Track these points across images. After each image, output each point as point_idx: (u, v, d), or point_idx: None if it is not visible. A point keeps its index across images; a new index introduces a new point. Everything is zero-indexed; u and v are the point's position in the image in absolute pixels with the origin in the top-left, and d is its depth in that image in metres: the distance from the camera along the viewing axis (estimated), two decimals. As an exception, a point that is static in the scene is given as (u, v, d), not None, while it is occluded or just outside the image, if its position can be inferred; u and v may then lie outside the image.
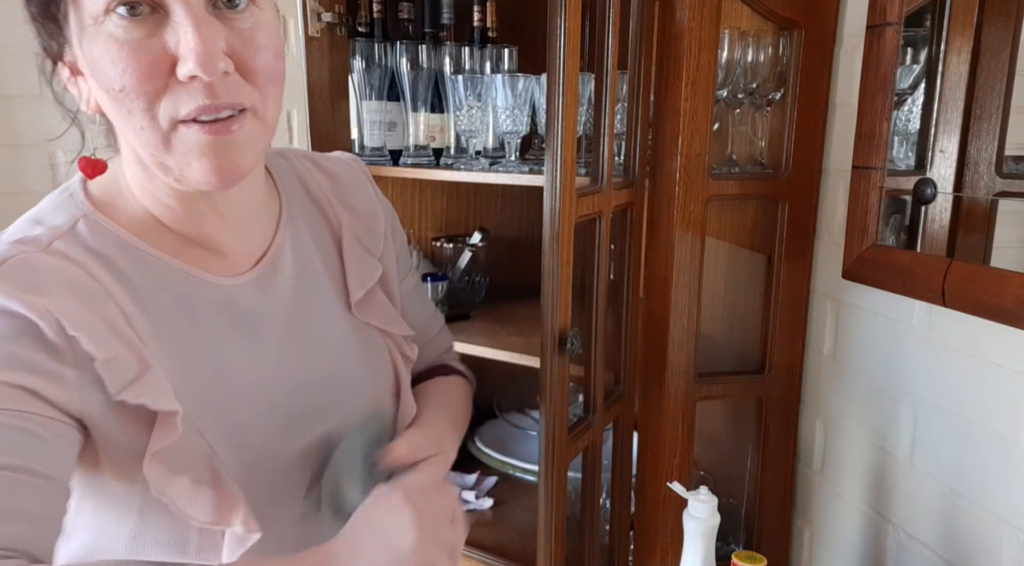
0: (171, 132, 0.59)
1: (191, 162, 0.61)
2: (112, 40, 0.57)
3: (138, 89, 0.57)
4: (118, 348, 0.60)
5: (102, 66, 0.57)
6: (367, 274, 0.82)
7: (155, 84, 0.57)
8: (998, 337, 0.87)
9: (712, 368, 1.25)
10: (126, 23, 0.56)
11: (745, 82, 1.18)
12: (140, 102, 0.58)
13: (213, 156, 0.60)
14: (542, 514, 1.07)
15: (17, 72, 1.62)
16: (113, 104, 0.59)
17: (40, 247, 0.62)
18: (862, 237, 1.04)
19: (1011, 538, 0.88)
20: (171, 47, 0.57)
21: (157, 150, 0.61)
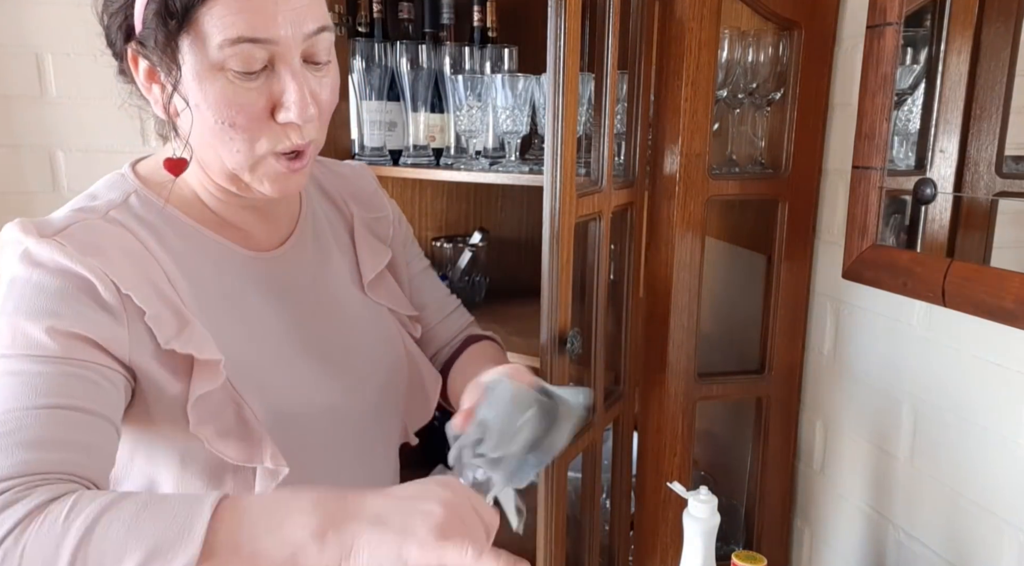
0: (261, 160, 0.73)
1: (264, 183, 0.75)
2: (229, 85, 0.68)
3: (246, 126, 0.70)
4: (162, 306, 0.70)
5: (216, 103, 0.69)
6: (378, 258, 0.93)
7: (260, 125, 0.71)
8: (998, 337, 0.87)
9: (712, 368, 1.25)
10: (243, 76, 0.68)
11: (745, 82, 1.18)
12: (244, 136, 0.71)
13: (284, 183, 0.75)
14: (542, 514, 1.07)
15: (17, 72, 1.62)
16: (218, 130, 0.70)
17: (99, 215, 0.72)
18: (862, 237, 1.04)
19: (1011, 538, 0.88)
20: (275, 95, 0.70)
21: (242, 170, 0.73)
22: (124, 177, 0.78)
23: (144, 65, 0.71)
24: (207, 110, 0.69)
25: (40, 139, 1.64)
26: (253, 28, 0.66)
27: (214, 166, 0.75)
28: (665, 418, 1.22)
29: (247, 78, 0.68)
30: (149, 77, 0.72)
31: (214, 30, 0.66)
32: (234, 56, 0.67)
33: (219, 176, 0.75)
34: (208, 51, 0.67)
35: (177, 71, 0.68)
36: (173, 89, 0.69)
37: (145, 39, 0.68)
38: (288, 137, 0.72)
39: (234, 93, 0.68)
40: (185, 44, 0.67)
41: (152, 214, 0.76)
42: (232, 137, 0.70)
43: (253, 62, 0.68)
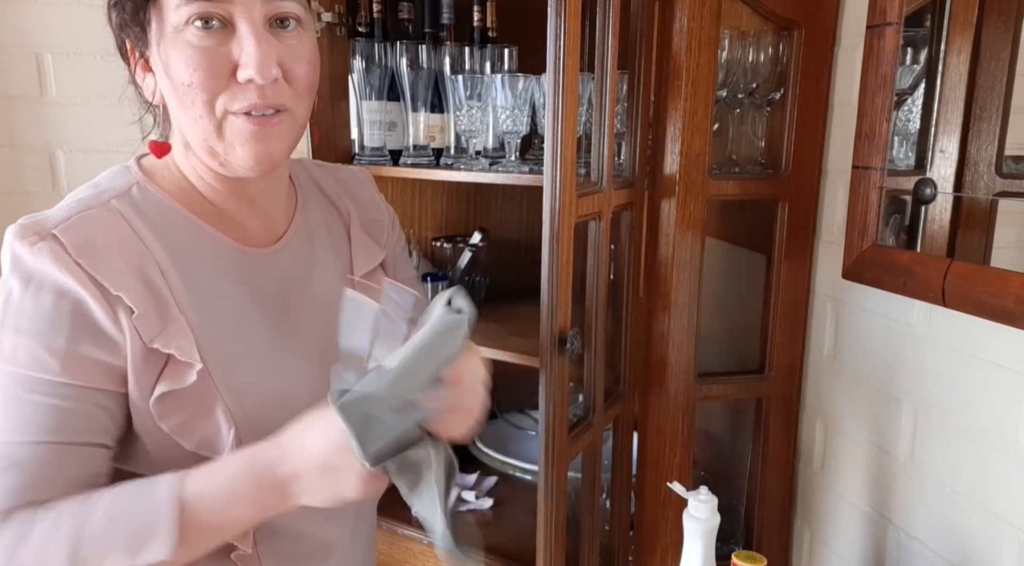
0: (223, 121, 0.72)
1: (236, 147, 0.73)
2: (187, 45, 0.69)
3: (203, 85, 0.70)
4: (150, 303, 0.71)
5: (176, 65, 0.70)
6: (371, 257, 0.93)
7: (217, 83, 0.70)
8: (998, 337, 0.87)
9: (712, 368, 1.25)
10: (201, 33, 0.69)
11: (745, 82, 1.18)
12: (203, 95, 0.70)
13: (255, 143, 0.73)
14: (542, 514, 1.07)
15: (17, 72, 1.62)
16: (179, 96, 0.71)
17: (100, 203, 0.74)
18: (862, 237, 1.04)
19: (1011, 538, 0.88)
20: (234, 55, 0.70)
21: (210, 136, 0.73)
22: (128, 169, 0.80)
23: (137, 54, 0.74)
24: (167, 78, 0.71)
25: (40, 139, 1.64)
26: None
27: (193, 142, 0.75)
28: (665, 418, 1.22)
29: (205, 36, 0.69)
30: (143, 67, 0.74)
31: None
32: (189, 14, 0.68)
33: (201, 153, 0.76)
34: (167, 14, 0.69)
35: (149, 34, 0.70)
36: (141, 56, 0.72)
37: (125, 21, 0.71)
38: (253, 95, 0.71)
39: (192, 52, 0.69)
40: (152, 12, 0.70)
41: (151, 206, 0.77)
42: (193, 100, 0.70)
43: (210, 19, 0.69)
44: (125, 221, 0.74)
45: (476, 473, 1.59)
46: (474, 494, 1.53)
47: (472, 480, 1.58)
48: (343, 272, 0.91)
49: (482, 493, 1.54)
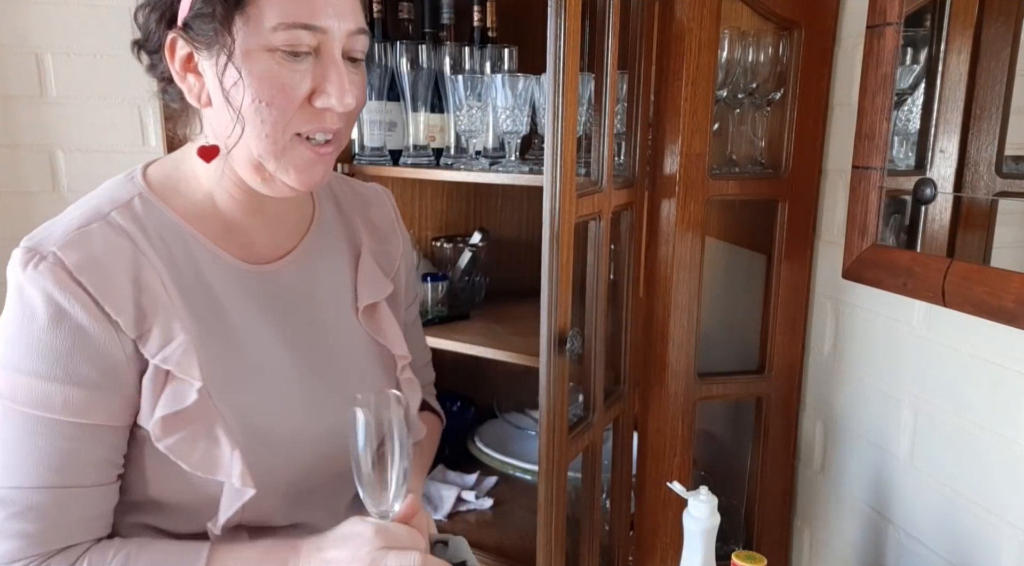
0: (288, 142, 0.74)
1: (290, 171, 0.75)
2: (276, 66, 0.71)
3: (283, 107, 0.72)
4: (152, 319, 0.72)
5: (259, 82, 0.71)
6: (376, 289, 0.91)
7: (296, 106, 0.72)
8: (998, 337, 0.87)
9: (712, 368, 1.25)
10: (290, 59, 0.71)
11: (745, 82, 1.18)
12: (277, 117, 0.72)
13: (309, 169, 0.76)
14: (542, 514, 1.07)
15: (17, 72, 1.62)
16: (251, 112, 0.72)
17: (100, 216, 0.74)
18: (862, 237, 1.04)
19: (1011, 538, 0.88)
20: (313, 82, 0.73)
21: (268, 154, 0.74)
22: (132, 180, 0.79)
23: (183, 53, 0.72)
24: (246, 89, 0.71)
25: (40, 139, 1.64)
26: (309, 15, 0.70)
27: (240, 154, 0.75)
28: (665, 418, 1.22)
29: (293, 60, 0.71)
30: (186, 65, 0.73)
31: (271, 12, 0.69)
32: (285, 39, 0.70)
33: (244, 166, 0.75)
34: (260, 32, 0.70)
35: (232, 43, 0.70)
36: (228, 59, 0.70)
37: (193, 22, 0.70)
38: (323, 120, 0.74)
39: (279, 73, 0.71)
40: (239, 23, 0.69)
41: (153, 219, 0.76)
42: (264, 118, 0.71)
43: (301, 46, 0.71)
44: (126, 235, 0.73)
45: (476, 473, 1.59)
46: (474, 494, 1.53)
47: (472, 480, 1.58)
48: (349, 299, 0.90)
49: (482, 493, 1.54)
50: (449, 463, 1.63)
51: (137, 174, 0.80)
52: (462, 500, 1.52)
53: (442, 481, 1.57)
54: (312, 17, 0.70)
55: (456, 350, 1.37)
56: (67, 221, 0.73)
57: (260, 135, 0.72)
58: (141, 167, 0.81)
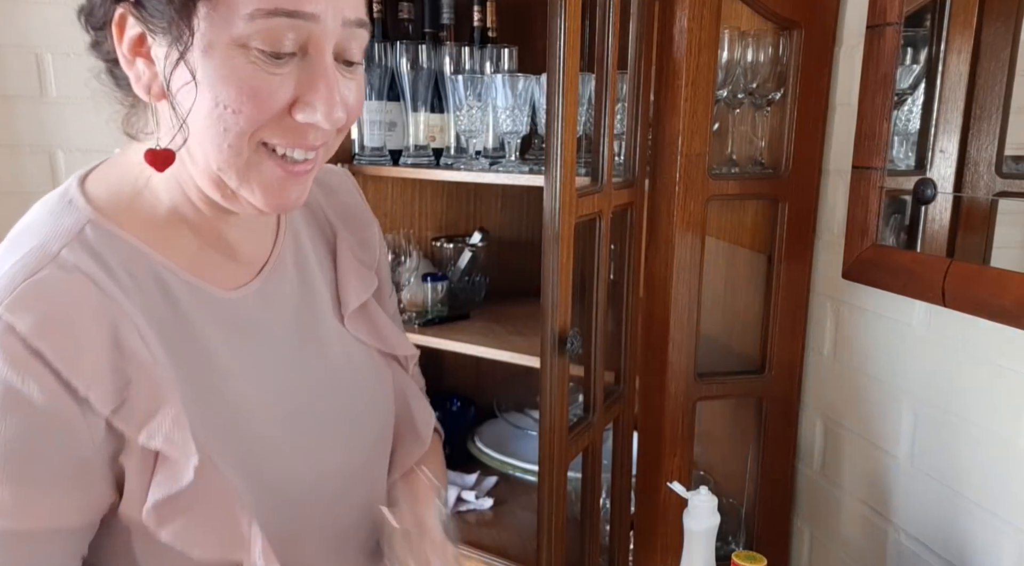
0: (253, 156, 0.60)
1: (256, 190, 0.61)
2: (246, 67, 0.56)
3: (251, 117, 0.57)
4: (132, 387, 0.57)
5: (223, 84, 0.56)
6: (363, 287, 0.80)
7: (268, 116, 0.58)
8: (998, 337, 0.87)
9: (712, 368, 1.25)
10: (267, 59, 0.57)
11: (745, 82, 1.18)
12: (244, 126, 0.58)
13: (279, 191, 0.62)
14: (542, 514, 1.07)
15: (17, 72, 1.62)
16: (213, 118, 0.57)
17: (49, 258, 0.57)
18: (862, 237, 1.04)
19: (1011, 538, 0.88)
20: (298, 89, 0.58)
21: (229, 169, 0.60)
22: (72, 203, 0.62)
23: (132, 33, 0.58)
24: (208, 89, 0.57)
25: (40, 139, 1.64)
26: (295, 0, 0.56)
27: (198, 163, 0.61)
28: (665, 418, 1.22)
29: (272, 61, 0.57)
30: (135, 48, 0.59)
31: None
32: (264, 31, 0.56)
33: (201, 177, 0.62)
34: (231, 20, 0.55)
35: (189, 38, 0.56)
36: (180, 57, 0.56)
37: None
38: (304, 138, 0.60)
39: (252, 75, 0.56)
40: (202, 9, 0.55)
41: (114, 252, 0.61)
42: (227, 127, 0.57)
43: (283, 42, 0.57)
44: (88, 279, 0.57)
45: (476, 473, 1.59)
46: (474, 494, 1.53)
47: (472, 480, 1.58)
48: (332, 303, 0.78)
49: (482, 493, 1.54)
50: (449, 463, 1.62)
51: (75, 192, 0.63)
52: (462, 500, 1.52)
53: (442, 481, 1.57)
54: (299, 2, 0.56)
55: (456, 350, 1.37)
56: (6, 274, 0.56)
57: (219, 145, 0.58)
58: (76, 181, 0.65)
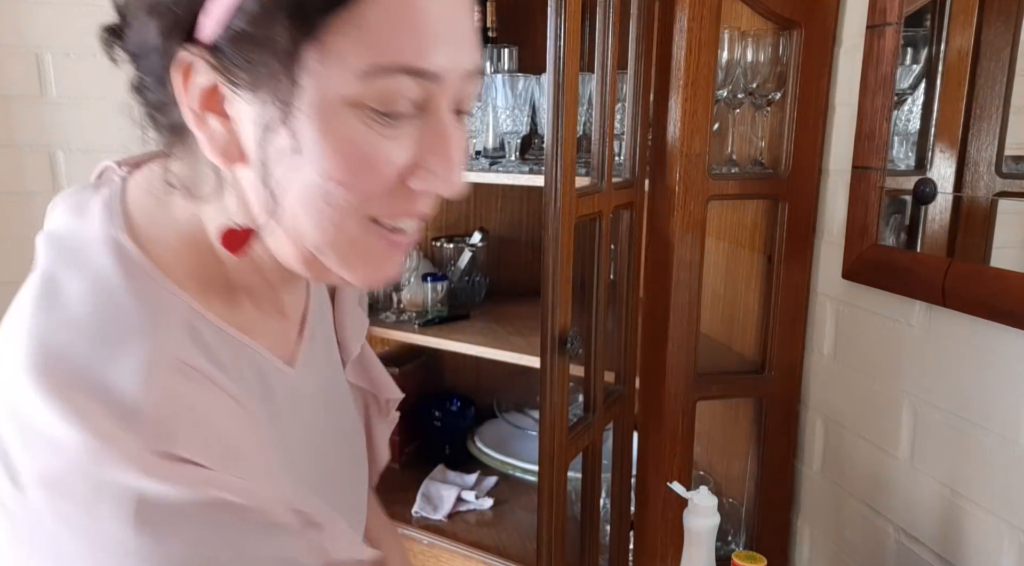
0: (359, 231, 0.50)
1: (357, 268, 0.52)
2: (360, 129, 0.46)
3: (362, 189, 0.48)
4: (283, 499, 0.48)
5: (329, 152, 0.46)
6: (359, 326, 0.73)
7: (382, 188, 0.49)
8: (998, 337, 0.87)
9: (712, 368, 1.25)
10: (381, 121, 0.47)
11: (745, 82, 1.18)
12: (354, 201, 0.48)
13: (381, 267, 0.53)
14: (542, 514, 1.07)
15: (17, 72, 1.62)
16: (313, 191, 0.47)
17: (172, 368, 0.46)
18: (862, 237, 1.04)
19: (1011, 538, 0.88)
20: (416, 152, 0.49)
21: (329, 249, 0.50)
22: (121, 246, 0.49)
23: (203, 83, 0.47)
24: (309, 157, 0.46)
25: (40, 139, 1.64)
26: (417, 52, 0.46)
27: (286, 239, 0.51)
28: (665, 418, 1.22)
29: (387, 123, 0.47)
30: (207, 102, 0.47)
31: (361, 46, 0.45)
32: (381, 90, 0.46)
33: (287, 253, 0.51)
34: (343, 76, 0.45)
35: (295, 93, 0.45)
36: (283, 118, 0.46)
37: (232, 45, 0.45)
38: (417, 206, 0.51)
39: (364, 141, 0.47)
40: (310, 60, 0.44)
41: (217, 340, 0.51)
42: (332, 203, 0.47)
43: (401, 102, 0.47)
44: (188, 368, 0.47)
45: (476, 473, 1.59)
46: (474, 494, 1.53)
47: (472, 480, 1.58)
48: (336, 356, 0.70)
49: (482, 493, 1.54)
50: (449, 463, 1.63)
51: (126, 242, 0.50)
52: (462, 500, 1.52)
53: (442, 481, 1.57)
54: (422, 55, 0.46)
55: (456, 350, 1.37)
56: (129, 375, 0.44)
57: (319, 223, 0.48)
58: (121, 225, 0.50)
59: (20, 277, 0.50)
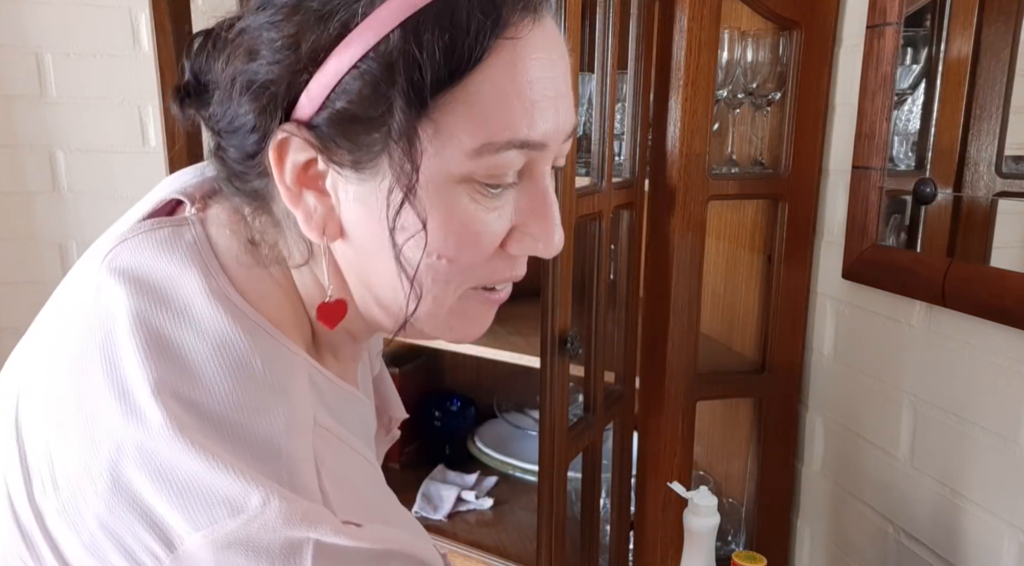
0: (455, 301, 0.50)
1: (453, 327, 0.52)
2: (469, 206, 0.46)
3: (468, 263, 0.48)
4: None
5: (442, 230, 0.46)
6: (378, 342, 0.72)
7: (483, 260, 0.48)
8: (998, 337, 0.87)
9: (712, 368, 1.25)
10: (488, 192, 0.46)
11: (745, 82, 1.18)
12: (458, 276, 0.48)
13: (472, 327, 0.53)
14: (542, 514, 1.07)
15: (17, 72, 1.62)
16: (415, 261, 0.46)
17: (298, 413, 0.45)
18: (862, 237, 1.04)
19: (1011, 538, 0.88)
20: (516, 218, 0.49)
21: (426, 319, 0.50)
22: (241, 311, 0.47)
23: (299, 159, 0.45)
24: (418, 237, 0.45)
25: (40, 139, 1.64)
26: (529, 124, 0.45)
27: (379, 307, 0.51)
28: (665, 418, 1.22)
29: (493, 195, 0.47)
30: (302, 177, 0.46)
31: (475, 123, 0.44)
32: (492, 166, 0.45)
33: (380, 317, 0.51)
34: (454, 155, 0.44)
35: (416, 175, 0.44)
36: (404, 200, 0.44)
37: (335, 125, 0.44)
38: (514, 269, 0.51)
39: (473, 217, 0.46)
40: (425, 137, 0.44)
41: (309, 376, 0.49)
42: (436, 278, 0.47)
43: (509, 174, 0.47)
44: (345, 446, 0.48)
45: (476, 473, 1.59)
46: (474, 494, 1.53)
47: (472, 480, 1.58)
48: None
49: (482, 493, 1.54)
50: (449, 463, 1.63)
51: (224, 284, 0.47)
52: (462, 500, 1.52)
53: (442, 481, 1.57)
54: (532, 127, 0.45)
55: (456, 350, 1.37)
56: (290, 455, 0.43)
57: (424, 297, 0.48)
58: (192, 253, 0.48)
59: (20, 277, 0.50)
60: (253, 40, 0.45)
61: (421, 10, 0.42)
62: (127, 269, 0.47)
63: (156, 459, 0.40)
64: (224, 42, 0.47)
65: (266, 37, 0.44)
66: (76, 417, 0.42)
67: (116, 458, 0.40)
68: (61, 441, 0.42)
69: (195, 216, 0.50)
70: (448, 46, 0.42)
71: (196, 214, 0.50)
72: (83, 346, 0.44)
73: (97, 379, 0.43)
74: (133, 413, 0.41)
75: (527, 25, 0.44)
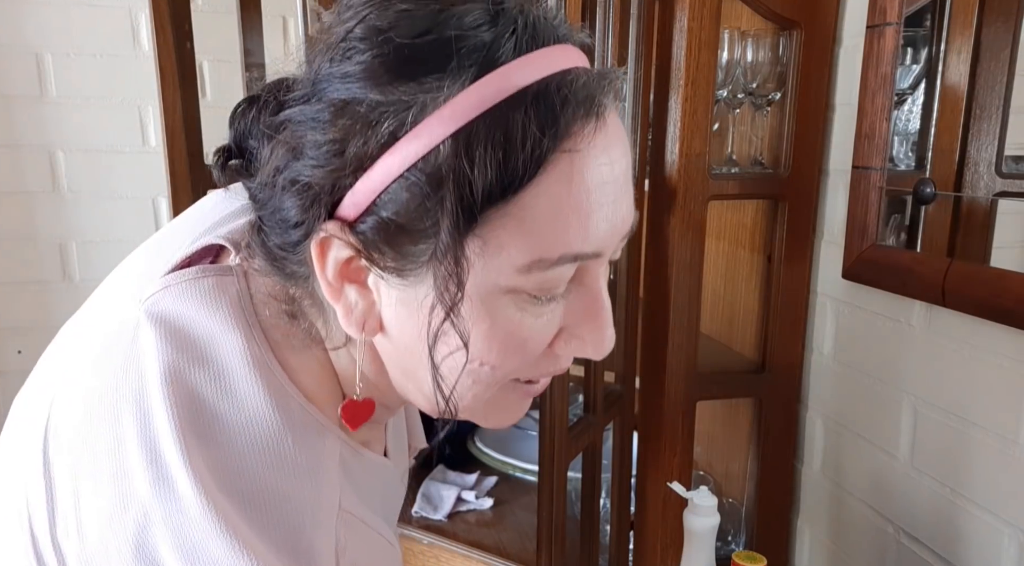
0: (496, 394, 0.49)
1: (489, 416, 0.51)
2: (515, 315, 0.44)
3: (511, 368, 0.46)
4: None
5: (486, 340, 0.44)
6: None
7: (529, 362, 0.47)
8: (998, 337, 0.87)
9: (712, 368, 1.25)
10: (536, 301, 0.45)
11: (745, 82, 1.18)
12: (500, 378, 0.47)
13: (509, 415, 0.52)
14: (542, 514, 1.07)
15: (17, 72, 1.62)
16: (458, 370, 0.45)
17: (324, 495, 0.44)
18: (862, 237, 1.04)
19: (1011, 538, 0.88)
20: (565, 320, 0.47)
21: (464, 411, 0.49)
22: (279, 384, 0.46)
23: (341, 255, 0.44)
24: (459, 353, 0.45)
25: (40, 139, 1.64)
26: (583, 238, 0.43)
27: (406, 387, 0.50)
28: (665, 418, 1.22)
29: (539, 303, 0.45)
30: (344, 272, 0.45)
31: (526, 241, 0.42)
32: (542, 280, 0.43)
33: (410, 395, 0.50)
34: (501, 269, 0.42)
35: (460, 290, 0.42)
36: (447, 316, 0.43)
37: (378, 232, 0.42)
38: (559, 365, 0.50)
39: (519, 326, 0.45)
40: (471, 251, 0.41)
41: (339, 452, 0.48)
42: (477, 380, 0.46)
43: (559, 285, 0.45)
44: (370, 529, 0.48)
45: (476, 473, 1.59)
46: (474, 494, 1.53)
47: (472, 480, 1.58)
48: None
49: (482, 493, 1.54)
50: (449, 463, 1.63)
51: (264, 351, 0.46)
52: (462, 500, 1.52)
53: (442, 481, 1.57)
54: (587, 240, 0.43)
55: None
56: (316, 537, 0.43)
57: (463, 394, 0.47)
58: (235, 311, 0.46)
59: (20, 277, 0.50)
60: (297, 138, 0.43)
61: (474, 121, 0.39)
62: (168, 318, 0.46)
63: (182, 534, 0.40)
64: (269, 126, 0.45)
65: (311, 138, 0.42)
66: (108, 464, 0.42)
67: (144, 524, 0.40)
68: (90, 485, 0.42)
69: (239, 268, 0.49)
70: (502, 161, 0.39)
71: (240, 265, 0.49)
72: (118, 390, 0.44)
73: (129, 431, 0.42)
74: (164, 481, 0.40)
75: (588, 134, 0.42)
